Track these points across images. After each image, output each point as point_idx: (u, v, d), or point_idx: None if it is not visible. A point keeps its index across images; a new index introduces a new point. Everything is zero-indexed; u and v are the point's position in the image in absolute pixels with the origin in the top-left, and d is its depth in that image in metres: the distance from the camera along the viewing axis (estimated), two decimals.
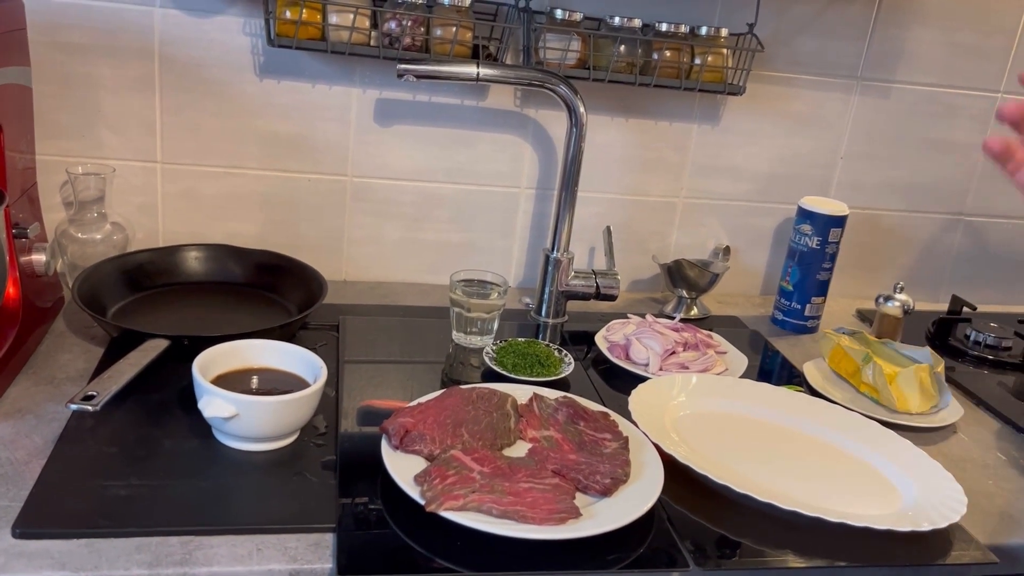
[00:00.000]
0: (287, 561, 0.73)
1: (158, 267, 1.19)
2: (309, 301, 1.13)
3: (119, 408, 0.91)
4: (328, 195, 1.29)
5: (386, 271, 1.35)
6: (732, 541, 0.83)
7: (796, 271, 1.34)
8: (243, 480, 0.83)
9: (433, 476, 0.80)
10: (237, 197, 1.27)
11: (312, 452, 0.89)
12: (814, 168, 1.44)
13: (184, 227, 1.27)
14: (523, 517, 0.76)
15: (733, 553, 0.81)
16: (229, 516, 0.77)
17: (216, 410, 0.83)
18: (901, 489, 0.93)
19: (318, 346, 1.11)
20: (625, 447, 0.89)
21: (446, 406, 0.92)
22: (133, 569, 0.71)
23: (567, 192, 1.22)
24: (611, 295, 1.26)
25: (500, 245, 1.37)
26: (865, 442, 1.00)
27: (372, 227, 1.32)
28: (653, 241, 1.43)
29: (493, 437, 0.89)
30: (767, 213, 1.45)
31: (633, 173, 1.37)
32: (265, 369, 0.94)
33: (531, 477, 0.83)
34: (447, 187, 1.32)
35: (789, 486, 0.90)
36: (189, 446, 0.87)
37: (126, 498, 0.78)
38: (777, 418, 1.04)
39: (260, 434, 0.86)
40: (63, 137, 1.19)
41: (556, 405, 0.96)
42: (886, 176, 1.46)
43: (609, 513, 0.80)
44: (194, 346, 0.93)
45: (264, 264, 1.22)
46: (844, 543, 0.83)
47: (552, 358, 1.10)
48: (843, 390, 1.16)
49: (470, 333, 1.15)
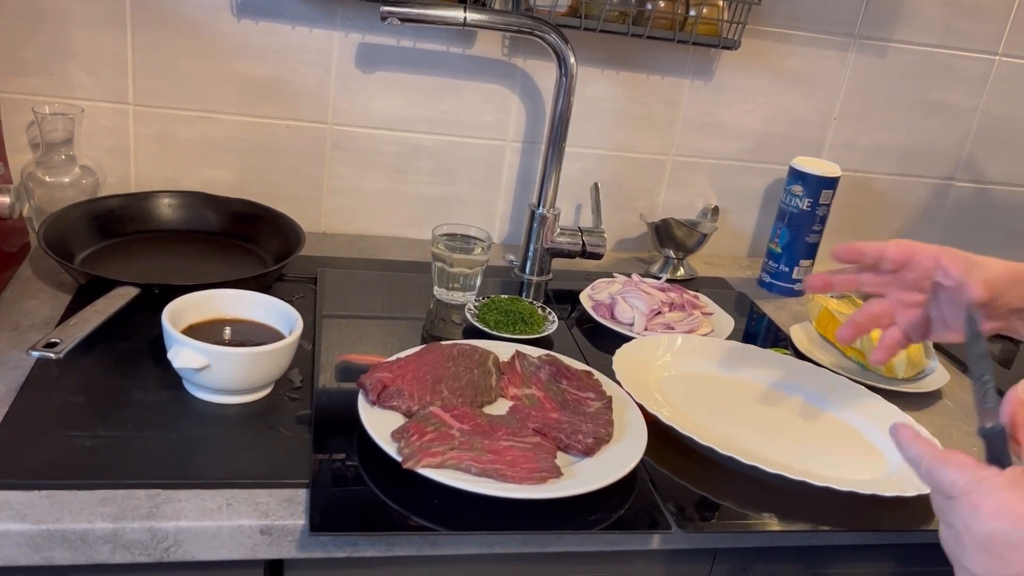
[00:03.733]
0: (258, 517, 0.71)
1: (129, 213, 1.15)
2: (286, 252, 1.10)
3: (86, 357, 0.87)
4: (307, 143, 1.25)
5: (366, 224, 1.32)
6: (715, 503, 0.81)
7: (785, 233, 1.32)
8: (214, 433, 0.80)
9: (411, 432, 0.77)
10: (213, 143, 1.22)
11: (286, 406, 0.86)
12: (807, 128, 1.40)
13: (157, 172, 1.22)
14: (502, 476, 0.74)
15: (716, 515, 0.80)
16: (198, 470, 0.75)
17: (186, 361, 0.80)
18: (887, 454, 0.92)
19: (295, 299, 1.07)
20: (608, 407, 0.87)
21: (426, 362, 0.89)
22: (97, 522, 0.68)
23: (555, 146, 1.18)
24: (597, 253, 1.24)
25: (484, 199, 1.34)
26: (851, 406, 0.99)
27: (352, 178, 1.28)
28: (641, 199, 1.39)
29: (473, 394, 0.87)
30: (757, 173, 1.42)
31: (622, 129, 1.34)
32: (238, 320, 0.91)
33: (512, 435, 0.80)
34: (430, 138, 1.28)
35: (774, 449, 0.88)
36: (158, 397, 0.84)
37: (91, 449, 0.75)
38: (763, 381, 1.02)
39: (232, 386, 0.83)
40: (29, 74, 1.14)
41: (539, 363, 0.94)
42: (879, 138, 1.44)
43: (591, 473, 0.78)
44: (165, 295, 0.89)
45: (240, 213, 1.18)
46: (829, 507, 0.82)
47: (535, 316, 1.07)
48: (830, 354, 1.14)
49: (452, 289, 1.12)
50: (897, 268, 0.80)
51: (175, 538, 0.70)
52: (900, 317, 0.82)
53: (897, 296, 0.81)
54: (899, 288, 0.81)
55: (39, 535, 0.67)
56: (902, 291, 0.81)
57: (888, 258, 0.79)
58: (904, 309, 0.81)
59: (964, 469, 0.57)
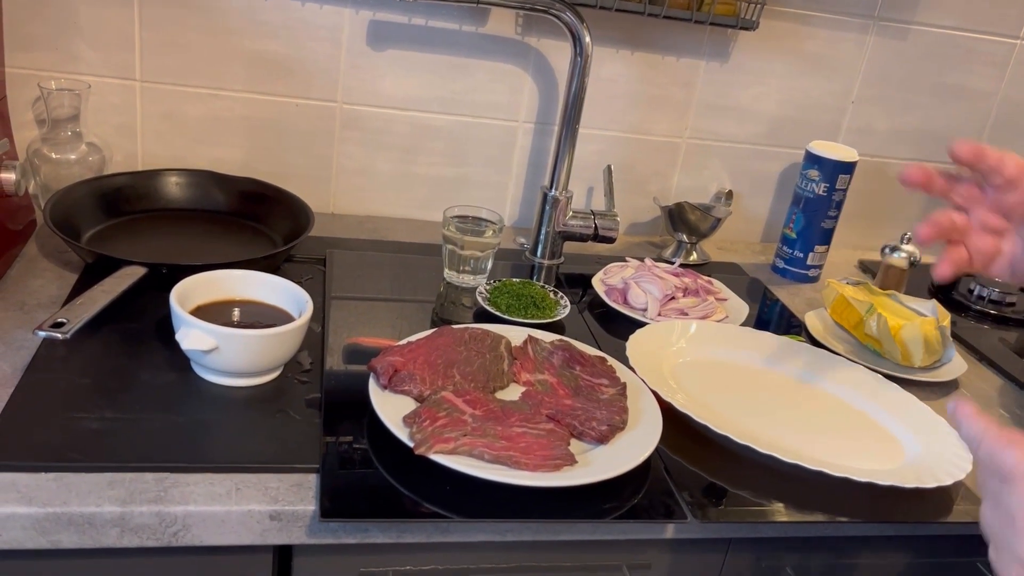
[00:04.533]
0: (267, 502, 0.70)
1: (137, 191, 1.13)
2: (295, 233, 1.08)
3: (92, 337, 0.86)
4: (317, 122, 1.23)
5: (376, 205, 1.30)
6: (731, 493, 0.80)
7: (800, 218, 1.30)
8: (223, 416, 0.79)
9: (423, 418, 0.76)
10: (221, 121, 1.20)
11: (296, 389, 0.85)
12: (823, 112, 1.38)
13: (165, 150, 1.20)
14: (516, 463, 0.73)
15: (732, 505, 0.79)
16: (207, 453, 0.74)
17: (194, 342, 0.79)
18: (904, 444, 0.90)
19: (304, 280, 1.06)
20: (623, 393, 0.86)
21: (437, 346, 0.88)
22: (105, 506, 0.67)
23: (568, 128, 1.16)
24: (610, 237, 1.22)
25: (495, 181, 1.32)
26: (868, 395, 0.97)
27: (362, 158, 1.26)
28: (654, 182, 1.37)
29: (485, 379, 0.85)
30: (772, 157, 1.40)
31: (636, 110, 1.31)
32: (247, 301, 0.89)
33: (525, 422, 0.79)
34: (442, 118, 1.26)
35: (790, 438, 0.87)
36: (166, 379, 0.82)
37: (98, 431, 0.74)
38: (779, 368, 1.01)
39: (241, 369, 0.82)
40: (36, 49, 1.12)
41: (551, 348, 0.92)
42: (896, 123, 1.41)
43: (605, 461, 0.76)
44: (173, 275, 0.88)
45: (249, 192, 1.17)
46: (846, 498, 0.81)
47: (547, 300, 1.06)
48: (845, 341, 1.12)
49: (462, 272, 1.10)
50: (1005, 185, 0.73)
51: (183, 522, 0.68)
52: (974, 241, 0.76)
53: (981, 217, 0.75)
54: (990, 209, 0.75)
55: (45, 518, 0.66)
56: (990, 213, 0.75)
57: (1003, 172, 0.73)
58: (982, 233, 0.76)
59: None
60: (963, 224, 0.76)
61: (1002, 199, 0.74)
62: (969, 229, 0.76)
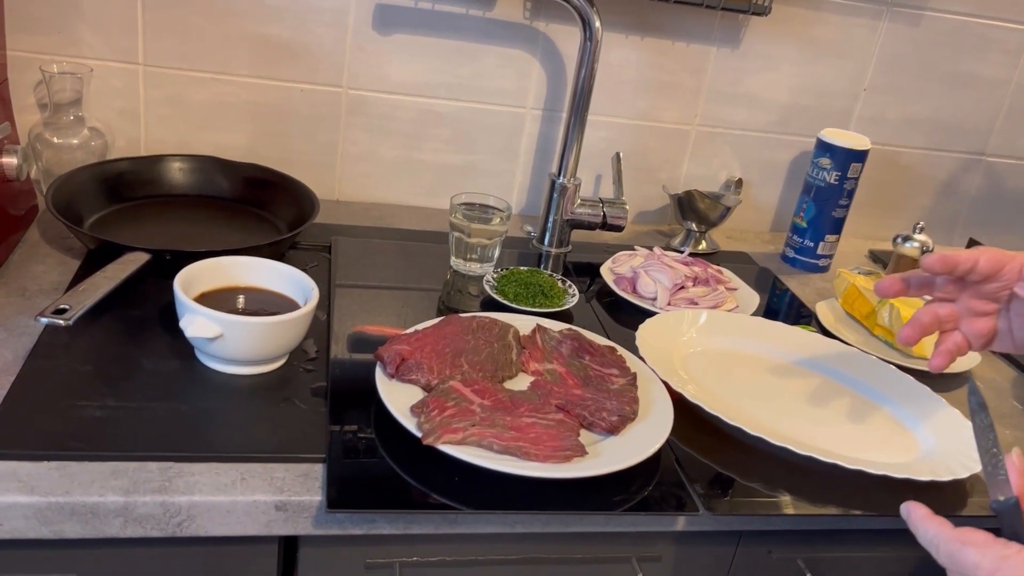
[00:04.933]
0: (273, 492, 0.69)
1: (140, 177, 1.12)
2: (300, 219, 1.07)
3: (95, 324, 0.85)
4: (322, 107, 1.21)
5: (381, 192, 1.29)
6: (743, 485, 0.79)
7: (811, 207, 1.28)
8: (227, 405, 0.78)
9: (431, 407, 0.75)
10: (225, 106, 1.19)
11: (301, 378, 0.83)
12: (835, 99, 1.36)
13: (168, 136, 1.19)
14: (526, 453, 0.72)
15: (744, 498, 0.78)
16: (212, 442, 0.72)
17: (199, 329, 0.77)
18: (918, 437, 0.89)
19: (309, 267, 1.05)
20: (633, 383, 0.84)
21: (444, 335, 0.86)
22: (108, 495, 0.66)
23: (577, 115, 1.15)
24: (618, 225, 1.20)
25: (502, 168, 1.31)
26: (882, 387, 0.96)
27: (368, 144, 1.25)
28: (663, 170, 1.36)
29: (494, 369, 0.84)
30: (783, 145, 1.38)
31: (646, 97, 1.30)
32: (252, 288, 0.88)
33: (534, 412, 0.78)
34: (448, 104, 1.25)
35: (803, 430, 0.86)
36: (170, 367, 0.81)
37: (101, 419, 0.73)
38: (790, 359, 0.99)
39: (246, 357, 0.81)
40: (37, 32, 1.10)
41: (560, 338, 0.91)
42: (908, 111, 1.39)
43: (616, 452, 0.75)
44: (176, 261, 0.87)
45: (253, 179, 1.15)
46: (860, 491, 0.80)
47: (555, 288, 1.04)
48: (856, 332, 1.11)
49: (469, 260, 1.09)
50: (983, 279, 0.76)
51: (188, 512, 0.67)
52: (966, 325, 0.78)
53: (968, 304, 0.78)
54: (974, 297, 0.77)
55: (48, 508, 0.65)
56: (976, 300, 0.77)
57: (978, 270, 0.75)
58: (973, 318, 0.78)
59: (985, 549, 0.57)
60: (951, 314, 0.78)
61: (983, 289, 0.76)
62: (958, 316, 0.78)
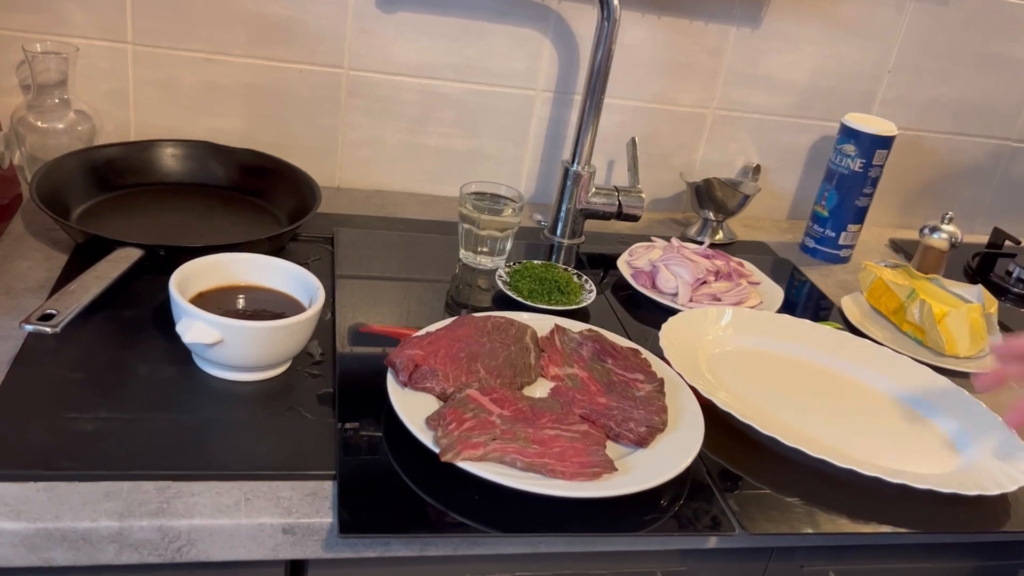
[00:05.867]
0: (280, 514, 0.64)
1: (130, 164, 1.05)
2: (300, 209, 1.01)
3: (85, 326, 0.79)
4: (321, 89, 1.15)
5: (384, 178, 1.23)
6: (779, 499, 0.74)
7: (833, 195, 1.23)
8: (228, 415, 0.72)
9: (448, 420, 0.70)
10: (220, 88, 1.12)
11: (306, 384, 0.78)
12: (858, 82, 1.30)
13: (160, 120, 1.12)
14: (551, 471, 0.67)
15: (780, 512, 0.73)
16: (213, 458, 0.67)
17: (197, 335, 0.72)
18: (957, 444, 0.85)
19: (311, 260, 0.99)
20: (660, 390, 0.79)
21: (458, 337, 0.81)
22: (101, 520, 0.61)
23: (592, 98, 1.09)
24: (634, 215, 1.15)
25: (511, 154, 1.25)
26: (918, 390, 0.91)
27: (370, 128, 1.19)
28: (678, 156, 1.30)
29: (512, 374, 0.79)
30: (802, 130, 1.33)
31: (662, 79, 1.24)
32: (253, 287, 0.82)
33: (557, 423, 0.73)
34: (455, 86, 1.18)
35: (839, 438, 0.81)
36: (166, 374, 0.76)
37: (93, 434, 0.67)
38: (820, 359, 0.95)
39: (248, 363, 0.75)
40: (20, 9, 1.03)
41: (580, 339, 0.86)
42: (933, 94, 1.34)
43: (645, 467, 0.70)
44: (171, 257, 0.81)
45: (250, 165, 1.09)
46: (902, 505, 0.75)
47: (572, 284, 0.99)
48: (884, 328, 1.06)
49: (479, 253, 1.03)
50: None
51: (188, 537, 0.62)
52: None
53: None
54: None
55: (36, 534, 0.60)
56: None
57: None
58: None
59: None
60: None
61: None
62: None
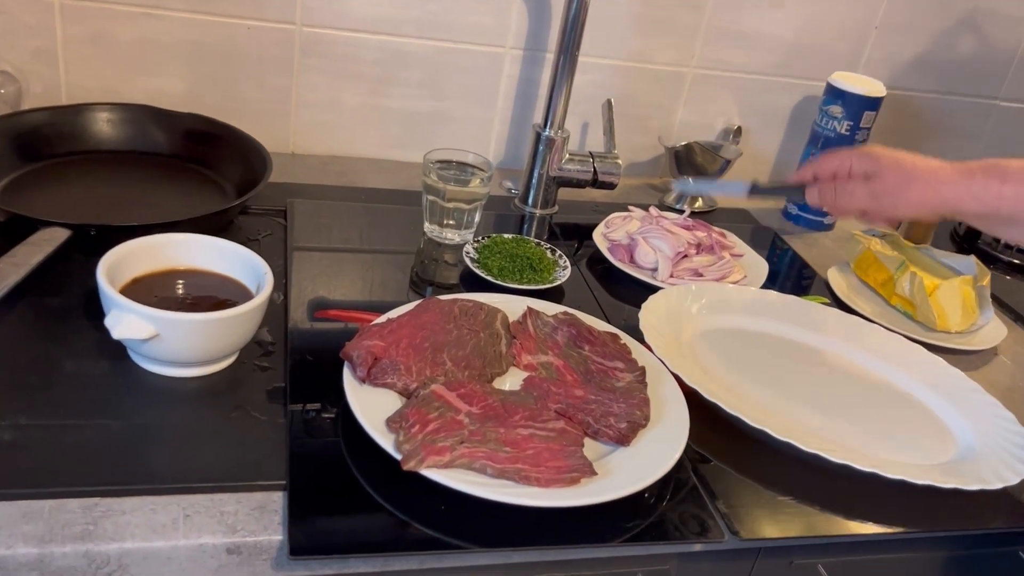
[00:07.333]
0: (224, 532, 0.57)
1: (59, 131, 0.96)
2: (249, 179, 0.93)
3: (3, 318, 0.71)
4: (272, 48, 1.06)
5: (343, 144, 1.14)
6: (769, 497, 0.69)
7: None
8: (167, 418, 0.65)
9: (411, 421, 0.63)
10: (160, 46, 1.03)
11: (255, 378, 0.71)
12: (843, 39, 1.24)
13: (93, 81, 1.03)
14: (525, 477, 0.61)
15: (771, 512, 0.68)
16: (148, 469, 0.60)
17: (128, 330, 0.64)
18: (954, 428, 0.80)
19: (261, 236, 0.92)
20: (641, 380, 0.73)
21: (423, 324, 0.74)
22: (18, 547, 0.54)
23: (566, 56, 1.01)
24: (610, 183, 1.08)
25: (479, 117, 1.17)
26: (911, 371, 0.86)
27: (326, 89, 1.10)
28: (655, 117, 1.23)
29: (481, 365, 0.72)
30: (785, 89, 1.26)
31: (639, 35, 1.16)
32: (194, 271, 0.75)
33: (530, 420, 0.67)
34: (418, 43, 1.10)
35: (831, 427, 0.76)
36: (96, 370, 0.68)
37: (10, 444, 0.60)
38: (808, 338, 0.90)
39: (188, 358, 0.68)
40: None
41: (555, 323, 0.80)
42: (920, 52, 1.27)
43: (628, 468, 0.65)
44: (104, 237, 0.73)
45: (194, 131, 1.00)
46: (898, 500, 0.71)
47: (545, 260, 0.92)
48: (871, 302, 1.01)
49: (445, 226, 0.96)
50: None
51: (119, 562, 0.56)
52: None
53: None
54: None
55: None
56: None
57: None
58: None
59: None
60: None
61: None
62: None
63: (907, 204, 0.77)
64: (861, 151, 0.81)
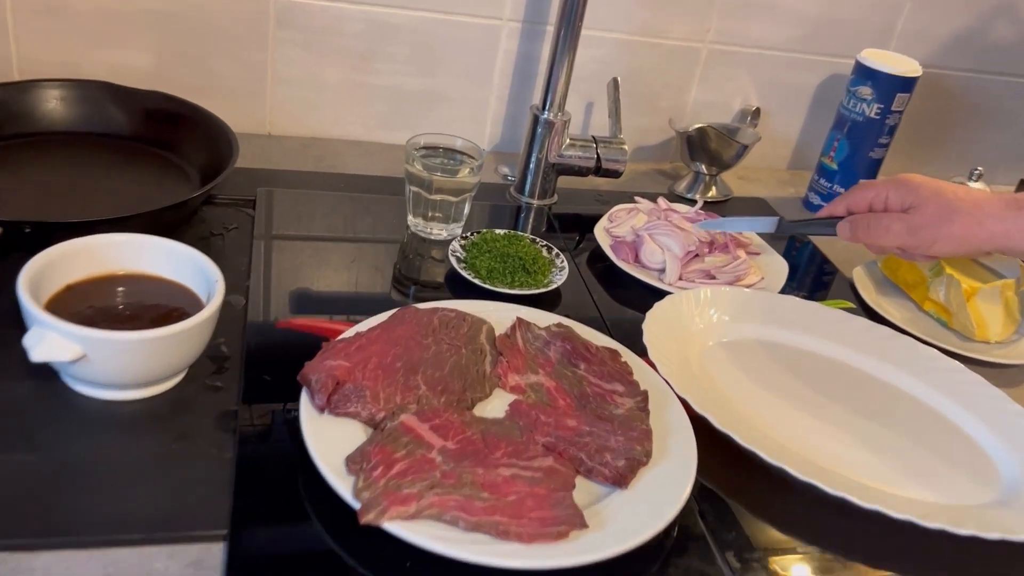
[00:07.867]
0: None
1: (8, 110, 0.87)
2: (217, 164, 0.84)
3: None
4: (245, 19, 0.96)
5: (323, 123, 1.05)
6: (791, 547, 0.60)
7: (844, 145, 1.07)
8: (96, 451, 0.57)
9: (373, 462, 0.55)
10: (120, 16, 0.93)
11: (205, 401, 0.62)
12: (873, 12, 1.13)
13: (47, 55, 0.93)
14: (503, 532, 0.52)
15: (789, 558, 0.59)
16: (67, 518, 0.52)
17: (50, 351, 0.56)
18: (997, 461, 0.71)
19: (228, 229, 0.83)
20: (643, 407, 0.64)
21: (396, 339, 0.65)
22: None
23: (568, 29, 0.91)
24: (615, 171, 0.98)
25: (472, 96, 1.07)
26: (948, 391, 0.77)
27: (305, 65, 1.00)
28: (666, 97, 1.13)
29: (461, 388, 0.64)
30: (808, 67, 1.15)
31: (648, 7, 1.05)
32: (137, 276, 0.66)
33: (514, 457, 0.58)
34: (406, 14, 1.00)
35: (859, 460, 0.67)
36: (18, 393, 0.60)
37: None
38: (833, 352, 0.80)
39: (122, 381, 0.60)
40: None
41: (548, 337, 0.71)
42: (958, 26, 1.17)
43: (625, 516, 0.56)
44: (41, 235, 0.65)
45: (157, 111, 0.91)
46: (935, 550, 0.62)
47: (540, 260, 0.83)
48: (901, 307, 0.92)
49: (431, 219, 0.87)
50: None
51: None
52: None
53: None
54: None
55: None
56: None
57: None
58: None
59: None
60: None
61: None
62: None
63: (948, 239, 0.73)
64: (898, 180, 0.76)
